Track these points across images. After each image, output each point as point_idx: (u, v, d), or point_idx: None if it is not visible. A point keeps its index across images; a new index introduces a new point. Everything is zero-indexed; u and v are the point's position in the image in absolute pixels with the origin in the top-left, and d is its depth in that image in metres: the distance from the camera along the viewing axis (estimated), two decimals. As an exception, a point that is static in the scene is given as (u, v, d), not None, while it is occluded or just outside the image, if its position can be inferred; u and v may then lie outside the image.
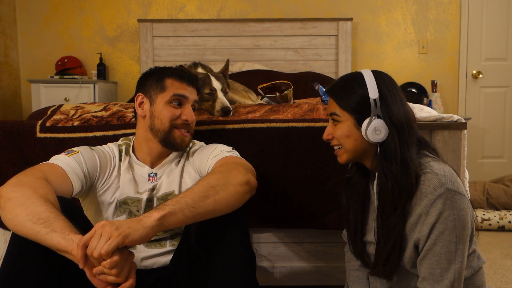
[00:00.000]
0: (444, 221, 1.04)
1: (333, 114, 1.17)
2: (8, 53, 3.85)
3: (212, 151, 1.32)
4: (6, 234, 1.68)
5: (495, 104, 3.97)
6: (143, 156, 1.37)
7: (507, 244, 2.63)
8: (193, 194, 1.05)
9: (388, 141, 1.09)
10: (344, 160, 1.19)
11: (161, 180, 1.35)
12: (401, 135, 1.10)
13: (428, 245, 1.06)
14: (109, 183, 1.32)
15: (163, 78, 1.35)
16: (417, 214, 1.08)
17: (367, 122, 1.10)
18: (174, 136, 1.33)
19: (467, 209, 1.05)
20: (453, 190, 1.04)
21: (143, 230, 0.95)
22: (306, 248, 1.75)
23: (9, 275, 1.02)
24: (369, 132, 1.09)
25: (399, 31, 3.95)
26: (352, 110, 1.13)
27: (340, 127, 1.16)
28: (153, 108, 1.34)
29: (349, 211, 1.27)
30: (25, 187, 1.05)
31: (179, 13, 3.95)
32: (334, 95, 1.17)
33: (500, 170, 3.86)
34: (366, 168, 1.23)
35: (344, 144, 1.16)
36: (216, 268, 1.10)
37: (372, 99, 1.09)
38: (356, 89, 1.12)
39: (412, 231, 1.10)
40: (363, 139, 1.12)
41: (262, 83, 2.19)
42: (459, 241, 1.04)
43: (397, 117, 1.10)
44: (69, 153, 1.26)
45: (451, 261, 1.05)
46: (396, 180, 1.08)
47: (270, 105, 1.85)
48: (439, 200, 1.04)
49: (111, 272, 0.92)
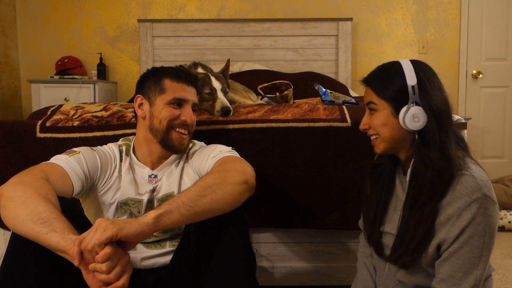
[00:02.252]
0: (476, 226, 1.03)
1: (370, 103, 1.16)
2: (8, 53, 3.85)
3: (211, 152, 1.32)
4: (6, 234, 1.68)
5: (495, 104, 3.97)
6: (144, 157, 1.37)
7: (507, 244, 2.63)
8: (190, 194, 1.05)
9: (427, 128, 1.08)
10: (381, 150, 1.17)
11: (161, 181, 1.35)
12: (440, 122, 1.09)
13: (454, 247, 1.05)
14: (110, 184, 1.32)
15: (161, 79, 1.34)
16: (448, 214, 1.06)
17: (405, 109, 1.08)
18: (172, 138, 1.33)
19: (497, 217, 1.06)
20: (489, 196, 1.03)
21: (139, 225, 0.95)
22: (306, 248, 1.75)
23: (8, 275, 1.02)
24: (407, 119, 1.08)
25: (399, 31, 3.95)
26: (390, 98, 1.12)
27: (377, 116, 1.15)
28: (153, 109, 1.33)
29: (371, 199, 1.26)
30: (26, 187, 1.05)
31: (179, 13, 3.95)
32: (371, 84, 1.17)
33: (500, 170, 3.86)
34: (395, 159, 1.22)
35: (381, 133, 1.15)
36: (216, 268, 1.10)
37: (410, 85, 1.09)
38: (393, 77, 1.12)
39: (438, 231, 1.08)
40: (400, 128, 1.11)
41: (262, 83, 2.19)
42: (486, 247, 1.04)
43: (436, 104, 1.09)
44: (70, 153, 1.26)
45: (474, 266, 1.04)
46: (435, 168, 1.07)
47: (270, 105, 1.85)
48: (474, 204, 1.02)
49: (102, 267, 0.91)
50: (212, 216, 1.09)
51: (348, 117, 1.67)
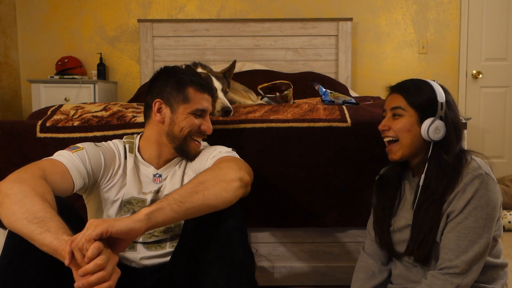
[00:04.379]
0: (479, 199, 1.15)
1: (397, 108, 1.26)
2: (8, 53, 3.85)
3: (211, 152, 1.33)
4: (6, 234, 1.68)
5: (495, 104, 3.97)
6: (150, 157, 1.37)
7: (507, 244, 2.63)
8: (182, 191, 1.06)
9: (449, 139, 1.22)
10: (398, 157, 1.27)
11: (166, 181, 1.36)
12: (458, 133, 1.24)
13: (460, 217, 1.16)
14: (114, 181, 1.32)
15: (186, 87, 1.33)
16: (455, 192, 1.17)
17: (431, 121, 1.20)
18: (189, 146, 1.35)
19: (498, 194, 1.18)
20: (489, 175, 1.18)
21: (130, 221, 0.95)
22: (306, 248, 1.75)
23: (5, 273, 1.02)
24: (431, 130, 1.20)
25: (399, 31, 3.95)
26: (419, 107, 1.23)
27: (401, 121, 1.25)
28: (175, 116, 1.33)
29: (379, 205, 1.36)
30: (24, 184, 1.05)
31: (179, 13, 3.95)
32: (403, 91, 1.27)
33: (500, 170, 3.85)
34: (401, 166, 1.34)
35: (402, 138, 1.25)
36: (215, 268, 1.10)
37: (440, 102, 1.22)
38: (426, 90, 1.24)
39: (447, 207, 1.19)
40: (420, 137, 1.23)
41: (262, 83, 2.19)
42: (488, 218, 1.15)
43: (456, 119, 1.25)
44: (73, 149, 1.26)
45: (479, 235, 1.15)
46: (452, 173, 1.19)
47: (270, 105, 1.85)
48: (476, 180, 1.15)
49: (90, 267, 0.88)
50: (207, 212, 1.09)
51: (348, 117, 1.67)
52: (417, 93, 1.25)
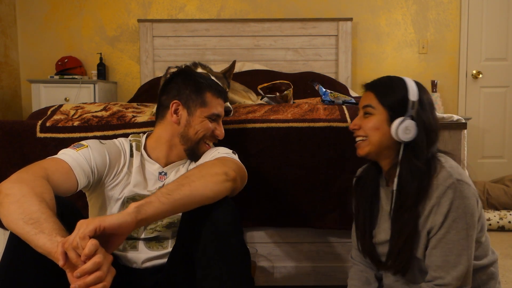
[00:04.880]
0: (456, 210, 1.10)
1: (368, 106, 1.22)
2: (8, 53, 3.85)
3: (212, 153, 1.35)
4: (6, 234, 1.68)
5: (495, 104, 3.97)
6: (158, 156, 1.38)
7: (507, 244, 2.63)
8: (169, 185, 1.09)
9: (419, 141, 1.16)
10: (365, 152, 1.23)
11: (169, 178, 1.36)
12: (429, 137, 1.18)
13: (440, 233, 1.12)
14: (119, 179, 1.32)
15: (204, 91, 1.37)
16: (430, 206, 1.13)
17: (401, 120, 1.16)
18: (200, 148, 1.38)
19: (474, 197, 1.13)
20: (460, 180, 1.12)
21: (120, 215, 0.96)
22: (306, 248, 1.75)
23: (6, 273, 1.02)
24: (400, 130, 1.15)
25: (399, 31, 3.95)
26: (389, 106, 1.19)
27: (371, 119, 1.21)
28: (191, 118, 1.36)
29: (359, 212, 1.31)
30: (23, 185, 1.05)
31: (179, 13, 3.95)
32: (374, 89, 1.24)
33: (500, 170, 3.85)
34: (377, 169, 1.29)
35: (370, 136, 1.21)
36: (210, 267, 1.10)
37: (411, 100, 1.16)
38: (398, 88, 1.20)
39: (425, 223, 1.15)
40: (389, 136, 1.18)
41: (262, 83, 2.19)
42: (469, 227, 1.11)
43: (430, 121, 1.18)
44: (78, 147, 1.26)
45: (464, 247, 1.11)
46: (421, 178, 1.15)
47: (270, 105, 1.85)
48: (449, 191, 1.11)
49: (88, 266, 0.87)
50: (198, 204, 1.09)
51: (348, 117, 1.67)
52: (388, 91, 1.21)
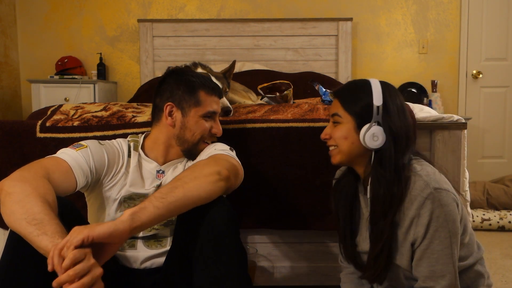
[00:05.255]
0: (436, 219, 1.08)
1: (335, 115, 1.20)
2: (8, 53, 3.85)
3: (208, 150, 1.35)
4: (6, 234, 1.67)
5: (495, 104, 3.97)
6: (155, 156, 1.39)
7: (507, 244, 2.63)
8: (162, 189, 1.08)
9: (385, 148, 1.13)
10: (337, 161, 1.22)
11: (167, 176, 1.37)
12: (398, 144, 1.14)
13: (424, 244, 1.10)
14: (116, 180, 1.33)
15: (197, 90, 1.36)
16: (409, 217, 1.11)
17: (367, 127, 1.13)
18: (199, 149, 1.38)
19: (454, 203, 1.10)
20: (438, 188, 1.09)
21: (112, 224, 0.94)
22: (306, 248, 1.75)
23: (6, 273, 1.02)
24: (367, 137, 1.13)
25: (399, 31, 3.95)
26: (355, 114, 1.16)
27: (339, 128, 1.19)
28: (186, 120, 1.35)
29: (338, 216, 1.30)
30: (26, 184, 1.05)
31: (179, 13, 3.95)
32: (339, 97, 1.21)
33: (500, 170, 3.85)
34: (356, 173, 1.26)
35: (340, 145, 1.19)
36: (207, 266, 1.10)
37: (376, 106, 1.13)
38: (362, 94, 1.16)
39: (407, 234, 1.13)
40: (360, 144, 1.15)
41: (262, 83, 2.19)
42: (452, 235, 1.09)
43: (396, 127, 1.14)
44: (77, 147, 1.26)
45: (449, 255, 1.10)
46: (388, 188, 1.12)
47: (270, 105, 1.85)
48: (427, 201, 1.08)
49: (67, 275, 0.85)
50: (192, 206, 1.09)
51: (348, 117, 1.66)
52: (353, 97, 1.18)
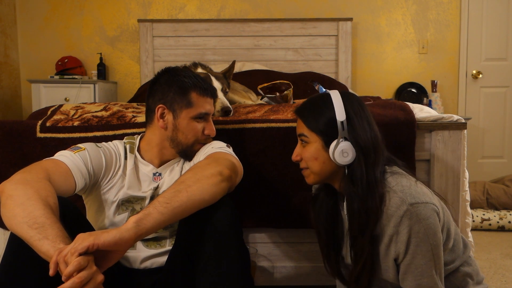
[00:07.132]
0: (416, 235, 1.05)
1: (301, 135, 1.16)
2: (8, 53, 3.85)
3: (206, 148, 1.35)
4: (6, 234, 1.68)
5: (495, 104, 3.97)
6: (151, 158, 1.38)
7: (507, 244, 2.63)
8: (165, 193, 1.06)
9: (355, 164, 1.10)
10: (311, 182, 1.19)
11: (164, 178, 1.36)
12: (367, 158, 1.10)
13: (407, 259, 1.08)
14: (114, 182, 1.32)
15: (189, 92, 1.33)
16: (388, 235, 1.09)
17: (335, 144, 1.09)
18: (194, 150, 1.37)
19: (433, 214, 1.07)
20: (414, 203, 1.05)
21: (117, 232, 0.94)
22: (306, 248, 1.75)
23: (6, 275, 1.02)
24: (337, 155, 1.09)
25: (399, 31, 3.95)
26: (320, 132, 1.12)
27: (308, 149, 1.15)
28: (177, 122, 1.33)
29: (319, 231, 1.27)
30: (28, 186, 1.04)
31: (179, 13, 3.95)
32: (302, 116, 1.17)
33: (500, 170, 3.86)
34: (333, 190, 1.23)
35: (311, 167, 1.15)
36: (209, 267, 1.10)
37: (339, 121, 1.09)
38: (324, 110, 1.12)
39: (388, 250, 1.11)
40: (331, 161, 1.12)
41: (262, 83, 2.19)
42: (434, 247, 1.07)
43: (363, 140, 1.10)
44: (75, 149, 1.26)
45: (432, 268, 1.08)
46: (362, 204, 1.09)
47: (270, 105, 1.85)
48: (404, 219, 1.05)
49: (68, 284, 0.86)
50: (196, 209, 1.08)
51: (348, 117, 1.66)
52: (315, 116, 1.12)
